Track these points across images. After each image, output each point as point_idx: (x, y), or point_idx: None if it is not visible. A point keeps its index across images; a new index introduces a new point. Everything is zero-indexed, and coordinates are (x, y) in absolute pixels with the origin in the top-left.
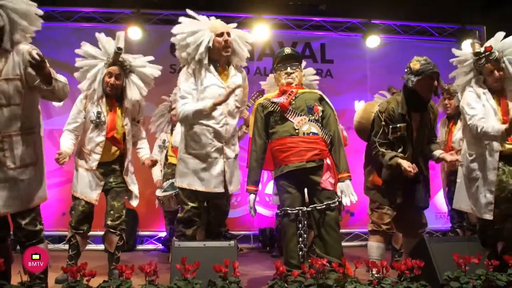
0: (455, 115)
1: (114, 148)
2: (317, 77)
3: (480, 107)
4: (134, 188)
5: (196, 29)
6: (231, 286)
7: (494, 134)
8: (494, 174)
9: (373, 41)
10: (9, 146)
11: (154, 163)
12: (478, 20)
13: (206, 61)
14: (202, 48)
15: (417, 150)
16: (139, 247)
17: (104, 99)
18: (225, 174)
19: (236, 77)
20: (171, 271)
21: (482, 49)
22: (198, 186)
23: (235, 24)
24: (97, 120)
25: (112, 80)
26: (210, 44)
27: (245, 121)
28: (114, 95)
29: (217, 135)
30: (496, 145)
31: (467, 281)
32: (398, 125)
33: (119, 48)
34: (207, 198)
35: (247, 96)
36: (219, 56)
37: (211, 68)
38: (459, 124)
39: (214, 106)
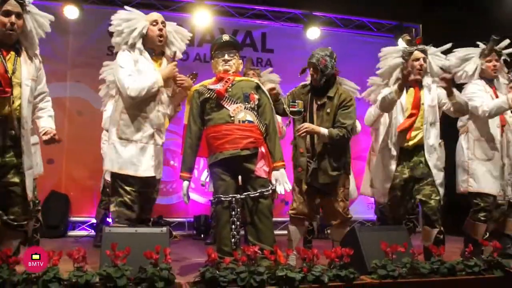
0: None
1: None
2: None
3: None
4: None
5: (131, 17)
6: (162, 273)
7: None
8: (394, 165)
9: (313, 32)
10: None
11: None
12: (415, 18)
13: (139, 46)
14: (135, 33)
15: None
16: (71, 233)
17: None
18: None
19: None
20: (101, 257)
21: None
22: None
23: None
24: None
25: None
26: (144, 31)
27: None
28: None
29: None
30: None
31: (394, 269)
32: (296, 101)
33: None
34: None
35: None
36: (153, 45)
37: (146, 54)
38: None
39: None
